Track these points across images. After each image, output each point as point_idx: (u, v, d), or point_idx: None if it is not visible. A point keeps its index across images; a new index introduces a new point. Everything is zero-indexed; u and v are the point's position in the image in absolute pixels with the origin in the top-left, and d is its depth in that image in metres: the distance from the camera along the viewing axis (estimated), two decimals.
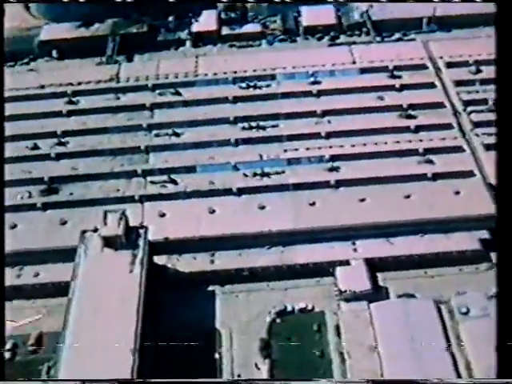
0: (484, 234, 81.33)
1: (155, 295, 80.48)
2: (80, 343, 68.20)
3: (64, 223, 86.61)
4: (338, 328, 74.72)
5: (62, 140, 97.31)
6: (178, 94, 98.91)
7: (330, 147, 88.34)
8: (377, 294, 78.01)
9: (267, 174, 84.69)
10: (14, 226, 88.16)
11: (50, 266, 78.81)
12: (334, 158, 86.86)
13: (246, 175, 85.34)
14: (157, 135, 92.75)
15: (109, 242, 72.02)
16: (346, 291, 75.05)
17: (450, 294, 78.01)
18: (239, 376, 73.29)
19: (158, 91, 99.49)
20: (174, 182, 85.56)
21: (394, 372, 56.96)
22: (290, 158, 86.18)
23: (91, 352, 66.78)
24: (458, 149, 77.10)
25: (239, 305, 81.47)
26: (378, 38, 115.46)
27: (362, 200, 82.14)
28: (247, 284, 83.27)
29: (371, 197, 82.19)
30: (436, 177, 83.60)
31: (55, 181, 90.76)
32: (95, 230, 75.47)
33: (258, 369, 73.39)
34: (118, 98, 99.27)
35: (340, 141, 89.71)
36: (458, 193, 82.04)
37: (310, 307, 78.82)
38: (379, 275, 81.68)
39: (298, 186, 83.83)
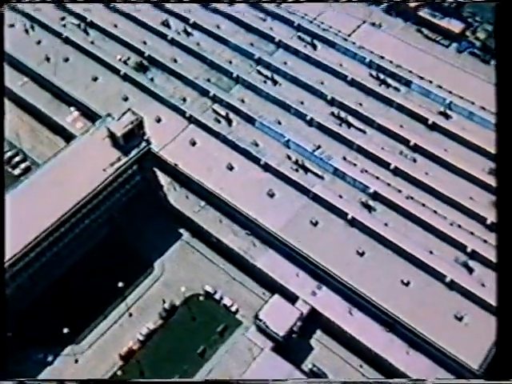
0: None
1: (130, 203, 77.53)
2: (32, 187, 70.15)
3: (126, 99, 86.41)
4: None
5: (189, 31, 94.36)
6: (314, 46, 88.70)
7: (388, 184, 73.27)
8: (288, 344, 66.65)
9: (306, 169, 74.03)
10: (95, 79, 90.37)
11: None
12: (377, 196, 72.11)
13: (288, 157, 75.66)
14: (258, 72, 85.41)
15: (112, 136, 70.61)
16: (261, 320, 65.59)
17: None
18: (130, 315, 70.49)
19: (299, 33, 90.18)
20: (229, 123, 79.53)
21: None
22: (338, 168, 73.71)
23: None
24: None
25: (187, 261, 76.20)
26: None
27: (361, 254, 68.41)
28: (209, 249, 76.87)
29: (372, 257, 68.20)
30: (454, 287, 65.55)
31: (152, 61, 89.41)
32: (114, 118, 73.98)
33: (164, 303, 69.03)
34: (264, 20, 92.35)
35: (402, 185, 73.93)
36: (459, 318, 63.85)
37: (234, 309, 70.76)
38: (318, 333, 69.31)
39: (316, 199, 72.27)
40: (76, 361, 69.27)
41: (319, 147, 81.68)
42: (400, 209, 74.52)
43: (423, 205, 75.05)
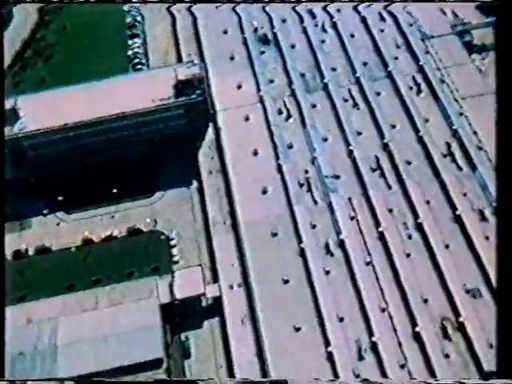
0: None
1: (173, 138, 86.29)
2: None
3: (232, 58, 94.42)
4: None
5: (327, 28, 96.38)
6: (419, 91, 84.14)
7: (364, 243, 71.20)
8: (181, 311, 72.37)
9: (309, 188, 75.48)
10: (225, 32, 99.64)
11: None
12: (342, 244, 70.69)
13: (305, 171, 77.52)
14: (349, 90, 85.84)
15: (175, 78, 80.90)
16: (173, 277, 71.50)
17: None
18: (112, 217, 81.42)
19: (415, 74, 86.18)
20: (287, 117, 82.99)
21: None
22: (331, 202, 73.22)
23: None
24: None
25: (179, 205, 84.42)
26: None
27: (285, 281, 69.39)
28: (199, 207, 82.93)
29: (290, 290, 70.16)
30: (329, 358, 62.28)
31: (275, 38, 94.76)
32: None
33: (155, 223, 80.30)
34: (398, 48, 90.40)
35: (376, 250, 73.38)
36: None
37: (175, 259, 77.62)
38: (216, 319, 72.68)
39: (293, 216, 73.24)
40: (58, 224, 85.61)
41: (337, 177, 79.91)
42: (350, 268, 70.58)
43: (376, 279, 69.85)
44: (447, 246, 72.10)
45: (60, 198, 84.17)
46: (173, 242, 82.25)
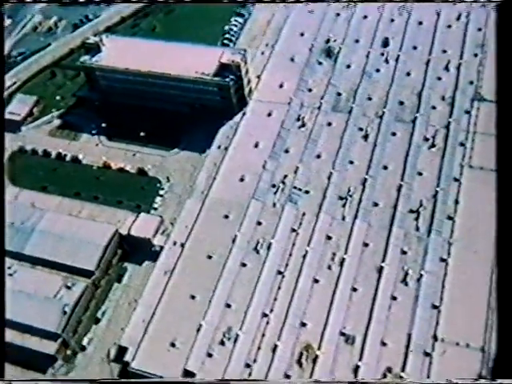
0: None
1: (209, 108, 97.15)
2: None
3: (292, 59, 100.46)
4: None
5: (389, 58, 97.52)
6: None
7: (289, 255, 76.98)
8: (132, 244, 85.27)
9: (276, 192, 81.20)
10: (301, 34, 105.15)
11: None
12: (269, 247, 76.10)
13: (284, 176, 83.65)
14: (369, 121, 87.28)
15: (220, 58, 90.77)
16: (138, 215, 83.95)
17: None
18: (134, 155, 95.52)
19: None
20: (301, 125, 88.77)
21: None
22: (283, 210, 78.43)
23: None
24: None
25: (186, 166, 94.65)
26: None
27: (209, 256, 76.57)
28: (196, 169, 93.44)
29: (208, 266, 75.74)
30: None
31: (337, 54, 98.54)
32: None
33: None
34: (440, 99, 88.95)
35: (293, 263, 76.30)
36: None
37: (155, 205, 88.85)
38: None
39: (247, 209, 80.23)
40: (97, 145, 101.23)
41: (306, 192, 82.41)
42: (263, 269, 74.72)
43: (278, 288, 73.11)
44: (354, 289, 73.18)
45: (103, 125, 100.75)
46: (161, 192, 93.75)
